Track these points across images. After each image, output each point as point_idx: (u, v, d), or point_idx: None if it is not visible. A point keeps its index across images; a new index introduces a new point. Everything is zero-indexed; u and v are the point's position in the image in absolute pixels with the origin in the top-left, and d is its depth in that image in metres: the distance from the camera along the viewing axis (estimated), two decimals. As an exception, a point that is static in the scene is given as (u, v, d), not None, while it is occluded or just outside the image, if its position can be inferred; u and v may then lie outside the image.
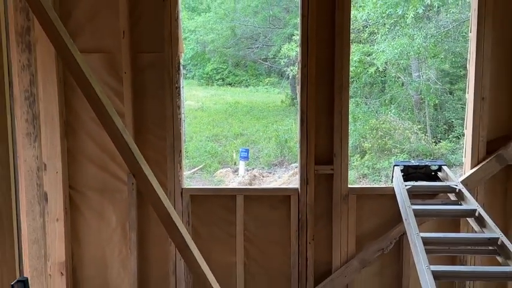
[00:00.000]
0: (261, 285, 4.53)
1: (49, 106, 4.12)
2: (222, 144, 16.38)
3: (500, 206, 4.37)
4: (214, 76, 22.12)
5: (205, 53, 20.82)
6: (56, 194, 4.23)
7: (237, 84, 22.02)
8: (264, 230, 4.47)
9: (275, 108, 18.97)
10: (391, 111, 15.01)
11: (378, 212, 4.43)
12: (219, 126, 17.52)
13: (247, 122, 17.85)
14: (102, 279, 4.49)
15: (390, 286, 4.53)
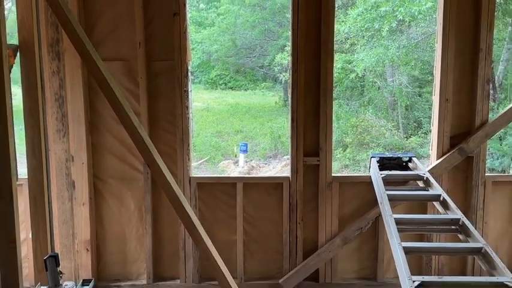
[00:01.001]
0: (257, 259, 4.54)
1: (76, 106, 4.13)
2: (225, 140, 16.39)
3: (461, 191, 4.39)
4: (217, 81, 22.09)
5: (210, 62, 20.80)
6: (82, 182, 4.25)
7: (237, 88, 22.00)
8: (260, 212, 4.48)
9: (270, 109, 18.95)
10: (368, 111, 15.10)
11: (357, 196, 4.46)
12: (222, 124, 17.51)
13: (246, 121, 17.83)
14: (122, 254, 4.51)
15: (367, 260, 4.55)
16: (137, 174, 4.36)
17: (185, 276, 4.47)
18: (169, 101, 4.28)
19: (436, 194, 3.72)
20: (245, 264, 4.51)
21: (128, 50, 4.17)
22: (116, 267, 4.53)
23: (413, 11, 12.04)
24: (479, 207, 4.40)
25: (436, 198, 3.72)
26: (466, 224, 3.30)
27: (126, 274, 4.54)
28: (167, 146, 4.18)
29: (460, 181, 4.42)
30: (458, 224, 3.38)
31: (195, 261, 4.45)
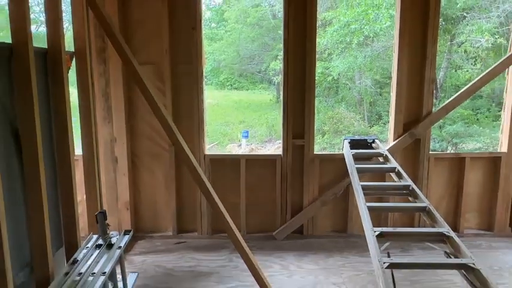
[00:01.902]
0: (256, 217, 4.58)
1: (117, 100, 4.15)
2: (230, 128, 16.45)
3: (411, 165, 4.42)
4: (225, 83, 22.12)
5: (220, 68, 20.80)
6: (123, 158, 4.28)
7: (240, 88, 22.05)
8: (258, 181, 4.51)
9: (265, 104, 18.98)
10: (341, 106, 15.21)
11: (333, 170, 4.47)
12: (228, 116, 17.56)
13: (247, 113, 17.88)
14: (153, 213, 4.56)
15: (340, 218, 4.60)
16: (164, 152, 4.38)
17: (201, 229, 4.53)
18: (188, 95, 4.29)
19: (392, 167, 3.77)
20: (247, 220, 4.56)
21: (157, 56, 4.17)
22: (149, 222, 4.58)
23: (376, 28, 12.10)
24: (424, 177, 4.45)
25: (393, 170, 3.77)
26: (415, 189, 3.36)
27: (156, 227, 4.59)
28: (187, 131, 4.19)
29: (410, 157, 4.45)
30: (409, 189, 3.43)
31: (209, 218, 4.51)
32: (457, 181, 4.55)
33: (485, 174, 4.54)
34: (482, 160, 4.54)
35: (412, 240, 2.99)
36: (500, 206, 4.51)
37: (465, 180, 4.49)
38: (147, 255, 4.12)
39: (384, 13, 11.96)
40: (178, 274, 3.76)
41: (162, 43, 4.14)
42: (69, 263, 2.88)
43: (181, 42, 4.19)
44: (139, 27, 4.15)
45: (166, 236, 4.52)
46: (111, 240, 3.18)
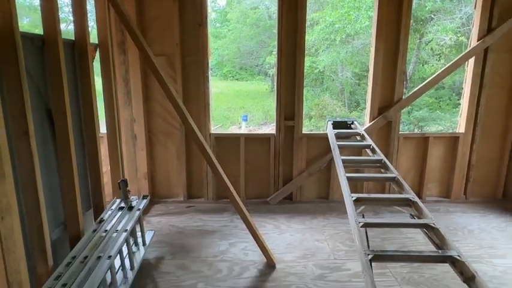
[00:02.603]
0: (253, 187, 4.59)
1: (136, 86, 4.09)
2: (232, 113, 16.38)
3: (383, 143, 4.41)
4: (228, 75, 21.91)
5: (223, 62, 20.58)
6: (141, 135, 4.24)
7: (241, 79, 21.87)
8: (255, 156, 4.50)
9: (262, 93, 18.86)
10: (326, 94, 15.09)
11: (318, 146, 4.46)
12: (230, 103, 17.45)
13: (247, 101, 17.78)
14: (166, 182, 4.56)
15: (323, 187, 4.62)
16: (175, 131, 4.34)
17: (207, 195, 4.54)
18: (196, 83, 4.22)
19: (368, 144, 3.77)
20: (245, 188, 4.57)
21: (169, 49, 4.08)
22: (163, 190, 4.58)
23: (356, 27, 11.92)
24: (394, 153, 4.45)
25: (368, 146, 3.76)
26: (386, 163, 3.36)
27: (170, 194, 4.59)
28: (195, 113, 4.16)
29: (383, 137, 4.43)
30: (381, 163, 3.43)
31: (213, 186, 4.51)
32: (421, 157, 4.55)
33: (445, 151, 4.55)
34: (443, 139, 4.53)
35: (383, 204, 3.00)
36: (457, 177, 4.54)
37: (428, 156, 4.49)
38: (162, 217, 4.14)
39: (363, 14, 11.76)
40: (188, 232, 3.79)
41: (173, 37, 4.05)
42: (96, 222, 2.90)
43: (190, 36, 4.10)
44: (153, 23, 4.04)
45: (178, 201, 4.53)
46: (132, 203, 3.19)
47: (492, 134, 4.45)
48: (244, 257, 3.31)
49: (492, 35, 4.09)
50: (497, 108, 4.37)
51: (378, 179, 3.22)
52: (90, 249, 2.52)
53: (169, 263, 3.20)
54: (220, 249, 3.45)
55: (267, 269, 3.13)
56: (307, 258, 3.31)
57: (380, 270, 3.06)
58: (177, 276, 3.01)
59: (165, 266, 3.16)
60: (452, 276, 2.95)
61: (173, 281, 2.95)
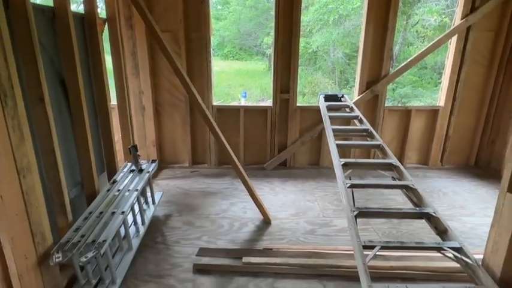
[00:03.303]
0: (251, 154, 4.58)
1: (143, 59, 3.96)
2: (232, 90, 16.14)
3: (370, 115, 4.37)
4: (228, 55, 21.38)
5: (224, 42, 20.02)
6: (149, 106, 4.17)
7: (240, 59, 21.38)
8: (253, 126, 4.46)
9: (260, 72, 18.50)
10: (318, 73, 14.84)
11: (311, 117, 4.43)
12: (231, 80, 17.16)
13: (246, 79, 17.47)
14: (173, 149, 4.54)
15: (315, 154, 4.61)
16: (180, 103, 4.27)
17: (210, 161, 4.53)
18: (199, 58, 4.10)
19: (356, 115, 3.71)
20: (244, 155, 4.57)
21: (174, 25, 3.93)
22: (170, 156, 4.57)
23: (348, 8, 11.55)
24: (379, 124, 4.42)
25: (356, 117, 3.71)
26: (372, 132, 3.33)
27: (176, 160, 4.58)
28: (198, 86, 4.07)
29: (370, 109, 4.38)
30: (368, 132, 3.40)
31: (216, 153, 4.50)
32: (404, 128, 4.53)
33: (425, 123, 4.52)
34: (424, 112, 4.49)
35: (368, 168, 3.01)
36: (435, 146, 4.54)
37: (410, 127, 4.47)
38: (170, 180, 4.16)
39: (355, -6, 11.37)
40: (193, 193, 3.82)
41: (177, 14, 3.88)
42: (110, 183, 2.90)
43: (193, 13, 3.93)
44: (159, 2, 3.87)
45: (184, 167, 4.53)
46: (142, 166, 3.18)
47: (469, 107, 4.40)
48: (243, 215, 3.35)
49: (475, 14, 3.95)
50: (475, 83, 4.30)
51: (364, 146, 3.20)
52: (105, 206, 2.53)
53: (176, 220, 3.24)
54: (222, 208, 3.49)
55: (263, 225, 3.18)
56: (299, 216, 3.36)
57: (363, 226, 3.12)
58: (184, 230, 3.06)
59: (172, 222, 3.20)
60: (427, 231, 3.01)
61: (180, 234, 3.00)
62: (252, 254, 2.66)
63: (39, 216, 2.03)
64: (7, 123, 1.77)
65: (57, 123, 2.38)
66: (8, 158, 1.79)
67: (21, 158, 1.87)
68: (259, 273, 2.49)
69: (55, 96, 2.40)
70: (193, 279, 2.42)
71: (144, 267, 2.54)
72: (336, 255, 2.66)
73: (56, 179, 2.27)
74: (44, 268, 2.09)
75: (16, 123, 1.82)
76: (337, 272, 2.50)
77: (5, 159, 1.79)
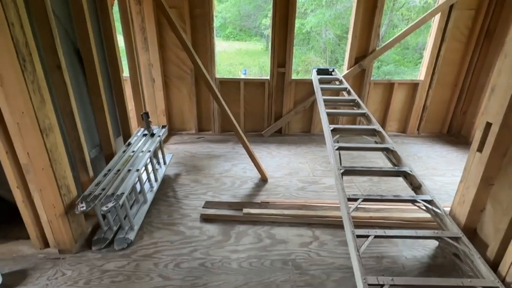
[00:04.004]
0: (250, 122, 4.51)
1: (151, 34, 3.76)
2: (234, 68, 15.72)
3: (357, 87, 4.28)
4: (230, 35, 20.55)
5: (226, 24, 19.16)
6: (158, 78, 4.03)
7: (241, 39, 20.61)
8: (252, 97, 4.36)
9: (258, 52, 17.95)
10: (311, 53, 14.40)
11: (304, 89, 4.32)
12: (232, 59, 16.66)
13: (245, 58, 16.98)
14: (181, 117, 4.45)
15: (307, 123, 4.55)
16: (187, 75, 4.13)
17: (214, 129, 4.48)
18: (203, 33, 3.90)
19: (344, 87, 3.61)
20: (244, 123, 4.51)
21: (179, 2, 3.70)
22: (178, 124, 4.50)
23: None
24: (365, 96, 4.34)
25: (345, 89, 3.61)
26: (359, 102, 3.26)
27: (183, 127, 4.52)
28: (202, 60, 3.91)
29: (358, 82, 4.28)
30: (355, 102, 3.33)
31: (219, 121, 4.43)
32: (386, 100, 4.46)
33: (406, 95, 4.44)
34: (406, 85, 4.39)
35: (354, 134, 2.98)
36: (413, 116, 4.50)
37: (392, 99, 4.40)
38: (179, 145, 4.14)
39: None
40: (199, 156, 3.81)
41: (182, -9, 3.66)
42: (125, 145, 2.87)
43: (197, -10, 3.71)
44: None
45: (191, 133, 4.49)
46: (153, 131, 3.14)
47: (446, 81, 4.31)
48: (243, 174, 3.36)
49: (458, -7, 3.75)
50: (453, 59, 4.17)
51: (351, 114, 3.14)
52: (122, 165, 2.52)
53: (185, 178, 3.26)
54: (225, 168, 3.49)
55: (261, 182, 3.20)
56: (292, 175, 3.38)
57: (348, 184, 3.15)
58: (192, 187, 3.08)
59: (182, 179, 3.22)
60: (403, 188, 3.05)
61: (188, 190, 3.02)
62: (251, 206, 2.70)
63: (63, 171, 2.01)
64: (28, 87, 1.70)
65: (75, 89, 2.30)
66: (31, 118, 1.75)
67: (43, 119, 1.82)
68: (258, 222, 2.54)
69: (71, 64, 2.31)
70: (200, 227, 2.47)
71: (158, 217, 2.58)
72: (323, 208, 2.71)
73: (76, 139, 2.24)
74: (71, 216, 2.11)
75: (36, 87, 1.75)
76: (325, 221, 2.55)
77: (28, 119, 1.74)
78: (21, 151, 1.81)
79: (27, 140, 1.79)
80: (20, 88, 1.67)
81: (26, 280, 1.93)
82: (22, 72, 1.66)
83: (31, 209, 2.01)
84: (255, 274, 2.02)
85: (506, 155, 1.79)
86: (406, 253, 2.24)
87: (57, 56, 2.01)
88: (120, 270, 2.02)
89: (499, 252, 1.79)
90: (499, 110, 1.70)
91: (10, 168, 1.86)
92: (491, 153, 1.79)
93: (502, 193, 1.82)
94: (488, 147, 1.81)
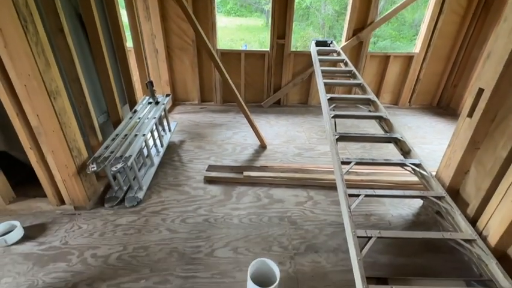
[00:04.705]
0: (251, 92, 4.39)
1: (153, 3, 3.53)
2: (235, 43, 15.07)
3: (354, 59, 4.13)
4: (231, 11, 19.50)
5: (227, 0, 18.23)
6: (161, 49, 3.87)
7: (241, 15, 19.59)
8: (253, 69, 4.21)
9: (258, 28, 17.14)
10: (310, 28, 13.74)
11: (303, 62, 4.17)
12: (233, 35, 15.95)
13: (246, 34, 16.25)
14: (184, 88, 4.33)
15: (304, 94, 4.44)
16: (189, 47, 3.95)
17: (216, 99, 4.38)
18: (204, 3, 3.67)
19: (342, 58, 3.47)
20: (245, 94, 4.39)
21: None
22: (182, 95, 4.39)
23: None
24: (361, 68, 4.19)
25: (342, 60, 3.48)
26: (355, 73, 3.15)
27: (187, 98, 4.41)
28: (204, 30, 3.73)
29: (355, 54, 4.11)
30: (351, 73, 3.22)
31: (221, 92, 4.32)
32: (382, 72, 4.32)
33: (401, 68, 4.29)
34: (401, 58, 4.24)
35: (349, 103, 2.91)
36: (406, 89, 4.39)
37: (387, 72, 4.26)
38: (183, 114, 4.07)
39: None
40: (202, 125, 3.76)
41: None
42: (131, 112, 2.81)
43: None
44: None
45: (194, 104, 4.40)
46: (158, 99, 3.06)
47: (440, 54, 4.15)
48: (244, 141, 3.34)
49: (459, -38, 3.48)
50: (449, 31, 3.98)
51: (348, 84, 3.05)
52: (129, 130, 2.49)
53: (189, 144, 3.24)
54: (226, 136, 3.46)
55: (260, 149, 3.19)
56: (289, 142, 3.36)
57: (341, 151, 3.14)
58: (195, 152, 3.07)
59: (186, 146, 3.20)
60: (393, 154, 3.05)
61: (193, 155, 3.02)
62: (251, 169, 2.71)
63: (73, 134, 1.98)
64: (32, 49, 1.61)
65: (79, 55, 2.20)
66: (37, 81, 1.68)
67: (50, 83, 1.75)
68: (257, 184, 2.56)
69: (74, 29, 2.18)
70: (204, 187, 2.49)
71: (165, 179, 2.59)
72: (318, 171, 2.72)
73: (84, 104, 2.18)
74: (83, 176, 2.11)
75: (40, 49, 1.66)
76: (319, 183, 2.57)
77: (35, 82, 1.67)
78: (31, 113, 1.76)
79: (36, 102, 1.73)
80: (24, 50, 1.58)
81: (46, 232, 1.97)
82: (25, 34, 1.56)
83: (45, 169, 2.00)
84: (254, 228, 2.07)
85: (494, 121, 1.75)
86: (393, 212, 2.28)
87: (59, 19, 1.89)
88: (131, 225, 2.07)
89: (479, 210, 1.81)
90: (493, 75, 1.63)
91: (22, 130, 1.82)
92: (481, 119, 1.75)
93: (487, 156, 1.81)
94: (478, 112, 1.76)
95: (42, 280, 1.66)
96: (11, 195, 2.19)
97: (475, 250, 1.58)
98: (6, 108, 1.74)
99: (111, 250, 1.86)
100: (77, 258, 1.79)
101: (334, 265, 1.80)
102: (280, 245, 1.94)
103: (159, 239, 1.95)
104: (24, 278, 1.67)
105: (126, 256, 1.82)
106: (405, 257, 1.87)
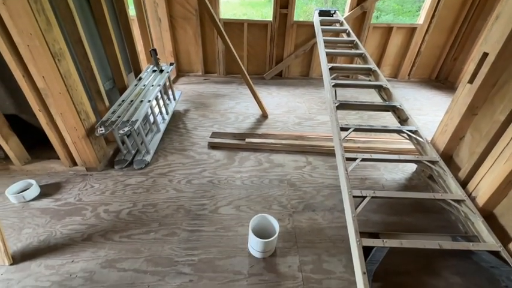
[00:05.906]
0: (254, 64, 4.22)
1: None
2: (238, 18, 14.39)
3: (357, 30, 3.90)
4: (233, -16, 18.29)
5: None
6: (164, 18, 3.66)
7: (244, -11, 18.42)
8: (255, 40, 4.01)
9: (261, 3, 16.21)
10: (312, 2, 12.78)
11: (306, 33, 3.95)
12: (235, 10, 15.08)
13: (248, 9, 15.37)
14: (188, 59, 4.16)
15: (306, 66, 4.26)
16: (191, 16, 3.72)
17: (219, 71, 4.23)
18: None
19: (345, 28, 3.28)
20: (248, 66, 4.23)
21: None
22: (186, 66, 4.23)
23: None
24: (363, 40, 3.98)
25: (344, 31, 3.29)
26: (358, 43, 3.00)
27: (191, 69, 4.26)
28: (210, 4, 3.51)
29: (358, 25, 3.88)
30: (353, 43, 3.06)
31: (224, 64, 4.16)
32: (383, 44, 4.11)
33: (403, 40, 4.08)
34: (404, 29, 4.00)
35: (350, 73, 2.78)
36: (406, 62, 4.20)
37: (388, 44, 4.05)
38: (187, 85, 3.96)
39: None
40: (206, 95, 3.67)
41: None
42: (136, 79, 2.72)
43: None
44: None
45: (198, 75, 4.26)
46: (162, 68, 2.95)
47: (443, 25, 3.91)
48: (246, 111, 3.27)
49: None
50: (454, 2, 3.71)
51: (350, 54, 2.91)
52: (134, 96, 2.42)
53: (193, 113, 3.18)
54: (229, 105, 3.39)
55: (262, 118, 3.13)
56: (290, 112, 3.28)
57: (340, 120, 3.08)
58: (200, 120, 3.02)
59: (190, 114, 3.15)
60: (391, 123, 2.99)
61: (197, 123, 2.97)
62: (253, 136, 2.67)
63: (80, 97, 1.92)
64: (31, 7, 1.50)
65: (81, 18, 2.07)
66: (40, 41, 1.59)
67: (53, 44, 1.65)
68: (258, 150, 2.54)
69: None
70: (208, 152, 2.48)
71: (171, 144, 2.57)
72: (317, 139, 2.68)
73: (89, 68, 2.09)
74: (93, 139, 2.09)
75: (40, 7, 1.55)
76: (317, 149, 2.55)
77: (37, 41, 1.58)
78: (36, 75, 1.69)
79: (40, 64, 1.65)
80: (23, 7, 1.47)
81: (61, 190, 2.00)
82: (23, -10, 1.45)
83: (55, 131, 1.98)
84: (256, 189, 2.08)
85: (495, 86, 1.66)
86: (387, 176, 2.28)
87: (58, -21, 1.75)
88: (140, 184, 2.08)
89: (470, 174, 1.79)
90: (500, 38, 1.52)
91: (30, 92, 1.77)
92: (482, 84, 1.67)
93: (484, 122, 1.75)
94: (480, 78, 1.67)
95: (59, 231, 1.70)
96: (26, 157, 2.19)
97: (463, 209, 1.59)
98: (12, 69, 1.67)
99: (122, 206, 1.89)
100: (91, 213, 1.83)
101: (330, 222, 1.83)
102: (280, 204, 1.96)
103: (166, 198, 1.97)
104: (43, 229, 1.71)
105: (136, 212, 1.85)
106: (396, 216, 1.89)
